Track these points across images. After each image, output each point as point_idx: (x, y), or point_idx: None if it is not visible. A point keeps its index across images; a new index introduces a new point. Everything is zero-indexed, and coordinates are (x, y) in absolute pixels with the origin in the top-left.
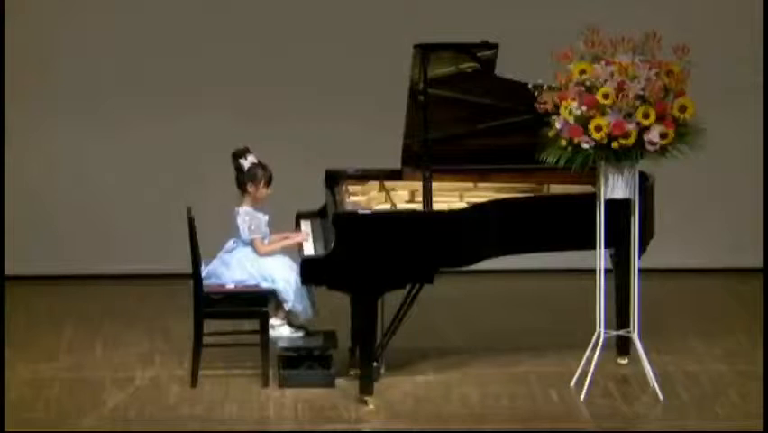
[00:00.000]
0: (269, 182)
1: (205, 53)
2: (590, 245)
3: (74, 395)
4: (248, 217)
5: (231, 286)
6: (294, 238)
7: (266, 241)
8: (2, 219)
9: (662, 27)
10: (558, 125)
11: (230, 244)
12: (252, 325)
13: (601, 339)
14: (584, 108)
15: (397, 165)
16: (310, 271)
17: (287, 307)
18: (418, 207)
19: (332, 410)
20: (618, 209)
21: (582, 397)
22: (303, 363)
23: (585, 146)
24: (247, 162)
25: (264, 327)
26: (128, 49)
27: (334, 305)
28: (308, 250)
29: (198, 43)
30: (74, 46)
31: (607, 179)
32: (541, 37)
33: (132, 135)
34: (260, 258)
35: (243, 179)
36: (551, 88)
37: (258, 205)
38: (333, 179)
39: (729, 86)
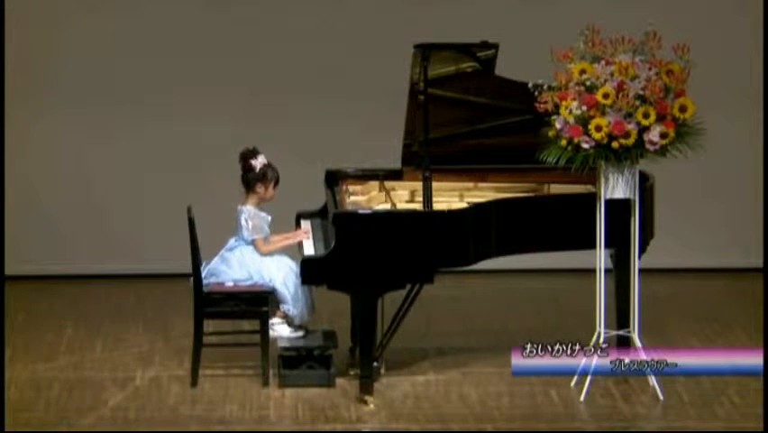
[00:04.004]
0: (277, 183)
1: (206, 54)
2: (590, 245)
3: (74, 395)
4: (251, 217)
5: (230, 284)
6: (295, 237)
7: (267, 241)
8: (2, 219)
9: (663, 27)
10: (558, 125)
11: (231, 242)
12: (252, 325)
13: (601, 339)
14: (584, 108)
15: (398, 165)
16: (310, 271)
17: (282, 308)
18: (418, 206)
19: (332, 410)
20: (618, 209)
21: (582, 397)
22: (303, 362)
23: (585, 146)
24: (258, 163)
25: (264, 327)
26: (128, 49)
27: (334, 305)
28: (308, 250)
29: (198, 44)
30: (74, 46)
31: (607, 179)
32: (541, 37)
33: (133, 135)
34: (262, 258)
35: (253, 179)
36: (551, 88)
37: (262, 205)
38: (333, 179)
39: (729, 86)
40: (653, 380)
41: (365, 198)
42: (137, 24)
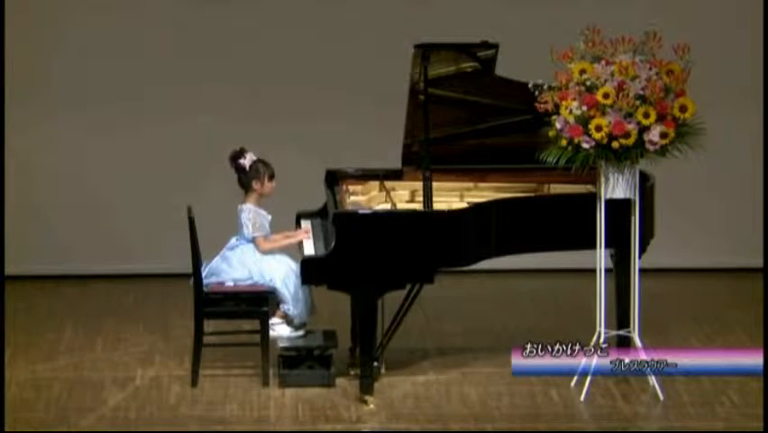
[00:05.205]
0: (272, 176)
1: (205, 53)
2: (591, 245)
3: (74, 395)
4: (252, 215)
5: (230, 284)
6: (295, 237)
7: (267, 239)
8: (2, 219)
9: (663, 27)
10: (558, 125)
11: (232, 241)
12: (252, 325)
13: (601, 339)
14: (584, 108)
15: (398, 165)
16: (310, 271)
17: (282, 308)
18: (418, 206)
19: (332, 410)
20: (618, 209)
21: (582, 397)
22: (303, 362)
23: (585, 146)
24: (247, 161)
25: (264, 327)
26: (128, 49)
27: (334, 305)
28: (309, 249)
29: (198, 43)
30: (74, 46)
31: (607, 179)
32: (541, 37)
33: (132, 135)
34: (262, 257)
35: (247, 178)
36: (551, 88)
37: (264, 200)
38: (333, 179)
39: (729, 86)
40: (653, 380)
41: (365, 198)
42: (136, 24)
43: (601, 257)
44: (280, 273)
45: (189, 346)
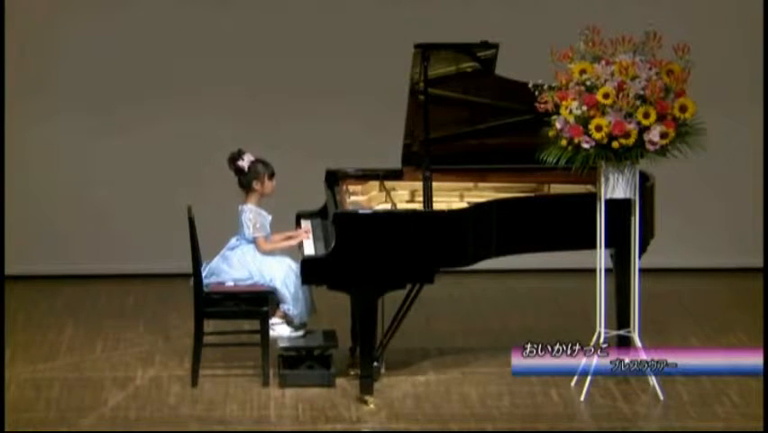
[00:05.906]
0: (272, 175)
1: (206, 54)
2: (591, 245)
3: (74, 395)
4: (252, 215)
5: (230, 284)
6: (296, 238)
7: (268, 240)
8: (2, 219)
9: (663, 27)
10: (558, 125)
11: (233, 241)
12: (252, 325)
13: (602, 339)
14: (584, 108)
15: (398, 165)
16: (310, 271)
17: (282, 308)
18: (418, 206)
19: (332, 410)
20: (618, 209)
21: (582, 397)
22: (303, 362)
23: (585, 146)
24: (245, 162)
25: (264, 327)
26: (129, 49)
27: (334, 305)
28: (309, 250)
29: (198, 43)
30: (75, 46)
31: (607, 179)
32: (541, 37)
33: (133, 135)
34: (263, 257)
35: (247, 179)
36: (551, 88)
37: (264, 200)
38: (334, 179)
39: (729, 86)
40: (653, 380)
41: (365, 198)
42: (137, 24)
43: (601, 257)
44: (280, 273)
45: (189, 346)
